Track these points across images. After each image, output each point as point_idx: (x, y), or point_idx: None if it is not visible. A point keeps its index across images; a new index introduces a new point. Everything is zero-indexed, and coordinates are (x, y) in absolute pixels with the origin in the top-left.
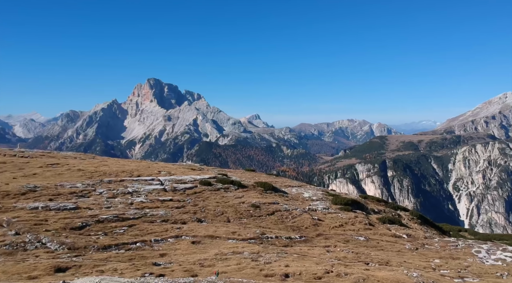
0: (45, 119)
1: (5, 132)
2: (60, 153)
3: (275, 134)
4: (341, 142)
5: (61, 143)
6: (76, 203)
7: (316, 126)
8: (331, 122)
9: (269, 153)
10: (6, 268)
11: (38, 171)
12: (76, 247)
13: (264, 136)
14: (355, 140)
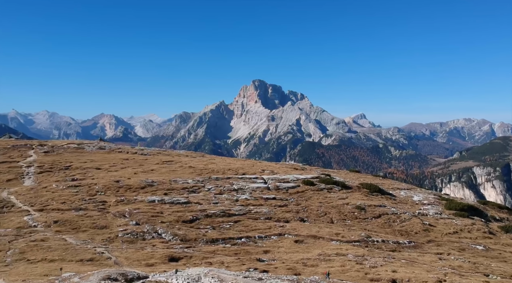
0: (161, 120)
1: (128, 132)
2: (173, 151)
3: (382, 134)
4: (456, 143)
5: (175, 142)
6: (188, 198)
7: (427, 126)
8: (444, 122)
9: (375, 153)
10: (128, 254)
11: (155, 167)
12: (187, 239)
13: (370, 136)
14: (472, 141)
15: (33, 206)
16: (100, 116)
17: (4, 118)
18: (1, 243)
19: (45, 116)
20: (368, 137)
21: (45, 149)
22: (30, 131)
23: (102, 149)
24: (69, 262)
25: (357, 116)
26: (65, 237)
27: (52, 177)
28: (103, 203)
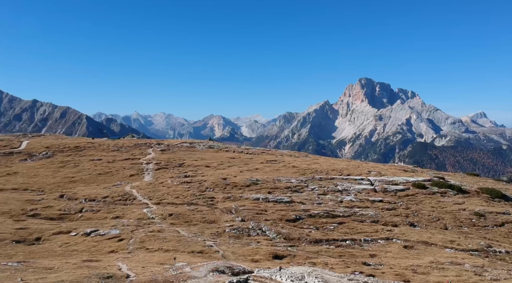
0: (265, 121)
1: (234, 132)
2: (277, 150)
3: (505, 134)
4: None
5: (279, 142)
6: (291, 197)
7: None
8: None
9: (498, 156)
10: (234, 249)
11: (259, 166)
12: (290, 238)
13: (491, 137)
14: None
15: (151, 199)
16: (209, 117)
17: (128, 119)
18: (125, 232)
19: (162, 118)
20: (489, 138)
21: (162, 147)
22: (149, 132)
23: (211, 148)
24: (181, 253)
25: (476, 115)
26: (178, 229)
27: (168, 173)
28: (211, 199)
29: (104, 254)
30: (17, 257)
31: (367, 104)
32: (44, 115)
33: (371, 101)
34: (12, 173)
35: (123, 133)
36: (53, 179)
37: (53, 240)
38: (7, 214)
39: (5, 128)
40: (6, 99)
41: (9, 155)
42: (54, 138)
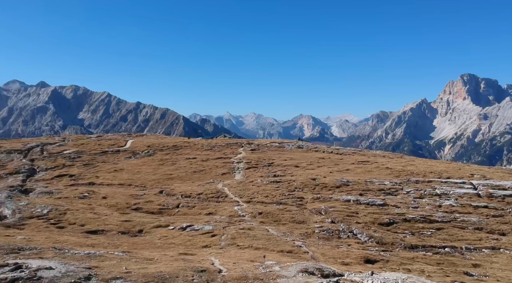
0: (357, 120)
1: (324, 132)
2: (369, 151)
3: None
4: None
5: (371, 142)
6: (384, 200)
7: None
8: None
9: None
10: (324, 251)
11: (350, 167)
12: (383, 242)
13: None
14: None
15: (241, 197)
16: (299, 117)
17: (221, 119)
18: (217, 228)
19: (252, 118)
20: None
21: (252, 147)
22: (240, 131)
23: (300, 148)
24: (271, 251)
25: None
26: (268, 228)
27: (257, 172)
28: (300, 199)
29: (198, 248)
30: (122, 247)
31: (470, 102)
32: (146, 117)
33: (475, 99)
34: (118, 170)
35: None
36: (154, 175)
37: (153, 233)
38: (114, 207)
39: (113, 128)
40: (114, 102)
41: (116, 153)
42: (155, 138)
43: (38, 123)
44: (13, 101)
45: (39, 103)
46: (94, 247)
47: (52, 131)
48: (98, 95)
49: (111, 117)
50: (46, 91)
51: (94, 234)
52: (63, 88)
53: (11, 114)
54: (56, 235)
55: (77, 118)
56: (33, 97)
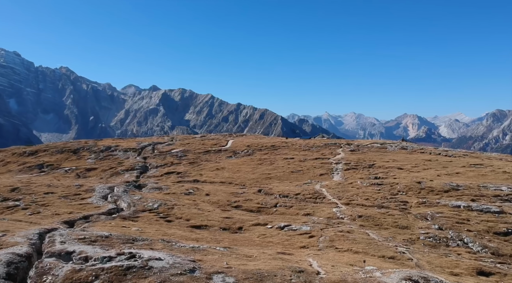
0: (469, 120)
1: (431, 132)
2: (483, 153)
3: None
4: None
5: (485, 144)
6: (501, 207)
7: None
8: None
9: None
10: (430, 259)
11: (460, 170)
12: (500, 254)
13: None
14: None
15: (340, 199)
16: (403, 116)
17: (319, 120)
18: (315, 229)
19: (352, 118)
20: None
21: (351, 147)
22: (339, 132)
23: (404, 149)
24: (371, 256)
25: None
26: (368, 231)
27: (357, 174)
28: (404, 203)
29: (296, 248)
30: (223, 243)
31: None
32: (246, 117)
33: None
34: (220, 168)
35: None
36: (253, 174)
37: (252, 230)
38: (216, 204)
39: (215, 128)
40: (217, 104)
41: (218, 152)
42: (254, 138)
43: (150, 124)
44: (129, 104)
45: (151, 105)
46: (198, 241)
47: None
48: (202, 97)
49: (213, 118)
50: (157, 94)
51: (198, 228)
52: (172, 91)
53: (127, 115)
54: (165, 228)
55: (184, 119)
56: (146, 100)
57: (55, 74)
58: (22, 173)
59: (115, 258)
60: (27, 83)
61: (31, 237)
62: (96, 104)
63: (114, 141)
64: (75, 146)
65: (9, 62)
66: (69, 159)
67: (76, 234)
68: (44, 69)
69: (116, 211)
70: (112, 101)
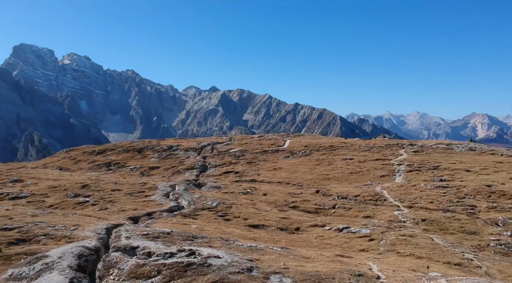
0: None
1: (503, 132)
2: None
3: None
4: None
5: None
6: None
7: None
8: None
9: None
10: (502, 267)
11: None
12: None
13: None
14: None
15: (402, 202)
16: (471, 116)
17: (380, 119)
18: (375, 232)
19: (416, 117)
20: None
21: (415, 148)
22: (401, 132)
23: (472, 150)
24: (435, 262)
25: None
26: (432, 236)
27: (420, 176)
28: (472, 207)
29: (355, 251)
30: (280, 243)
31: None
32: (304, 117)
33: None
34: (277, 168)
35: (375, 133)
36: (310, 175)
37: (310, 231)
38: (273, 204)
39: (273, 128)
40: (274, 104)
41: (275, 152)
42: (311, 138)
43: (209, 124)
44: (189, 105)
45: (211, 106)
46: (256, 241)
47: (221, 132)
48: (260, 97)
49: (271, 118)
50: (216, 95)
51: (256, 228)
52: (230, 92)
53: (188, 116)
54: (223, 227)
55: (242, 119)
56: (205, 101)
57: (121, 77)
58: (91, 170)
59: (176, 254)
60: (96, 85)
61: (99, 232)
62: (159, 105)
63: (175, 141)
64: (140, 145)
65: (80, 66)
66: (134, 157)
67: (140, 230)
68: (112, 72)
69: (177, 208)
70: (174, 102)
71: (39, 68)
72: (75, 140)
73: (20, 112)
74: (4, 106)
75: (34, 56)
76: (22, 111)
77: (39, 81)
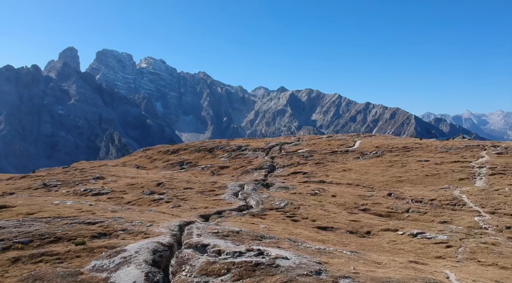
0: None
1: None
2: None
3: None
4: None
5: None
6: None
7: None
8: None
9: None
10: None
11: None
12: None
13: None
14: None
15: (483, 207)
16: None
17: (459, 119)
18: (453, 239)
19: (499, 116)
20: None
21: (498, 150)
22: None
23: None
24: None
25: None
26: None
27: (505, 179)
28: None
29: (430, 258)
30: (350, 246)
31: None
32: (375, 117)
33: None
34: (347, 169)
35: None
36: (382, 177)
37: (381, 236)
38: (342, 206)
39: (342, 128)
40: (344, 103)
41: (345, 153)
42: (383, 138)
43: (277, 124)
44: (258, 105)
45: (279, 106)
46: (324, 243)
47: (289, 132)
48: (329, 97)
49: (340, 118)
50: (285, 95)
51: (324, 230)
52: (299, 92)
53: (257, 116)
54: (291, 227)
55: (310, 119)
56: (274, 101)
57: (194, 79)
58: (165, 169)
59: (244, 253)
60: (171, 87)
61: (172, 229)
62: (229, 106)
63: (244, 141)
64: (210, 145)
65: (156, 69)
66: (205, 157)
67: (211, 228)
68: (185, 74)
69: (246, 208)
70: (243, 102)
71: (119, 72)
72: (151, 140)
73: (102, 113)
74: (88, 108)
75: (114, 60)
76: (104, 112)
77: (118, 84)
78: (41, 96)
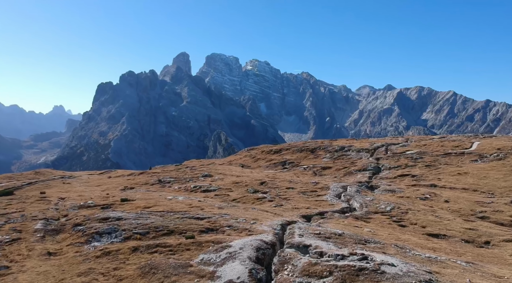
0: None
1: None
2: None
3: None
4: None
5: None
6: None
7: None
8: None
9: None
10: None
11: None
12: None
13: None
14: None
15: None
16: None
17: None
18: None
19: None
20: None
21: None
22: None
23: None
24: None
25: None
26: None
27: None
28: None
29: None
30: (465, 256)
31: None
32: (497, 116)
33: None
34: (462, 173)
35: None
36: (504, 182)
37: (503, 247)
38: (457, 213)
39: (457, 129)
40: (460, 101)
41: (460, 155)
42: (507, 139)
43: (383, 124)
44: (363, 105)
45: (385, 105)
46: (435, 251)
47: (396, 132)
48: (442, 95)
49: (455, 117)
50: (392, 94)
51: (435, 237)
52: (408, 90)
53: (361, 116)
54: (398, 233)
55: (420, 119)
56: (380, 100)
57: (297, 79)
58: (268, 168)
59: (347, 257)
60: (274, 88)
61: (275, 227)
62: (331, 105)
63: (347, 141)
64: (312, 145)
65: (261, 71)
66: (307, 157)
67: (312, 229)
68: (288, 75)
69: (349, 210)
70: (347, 102)
71: (226, 75)
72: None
73: (210, 114)
74: (198, 110)
75: (222, 64)
76: (212, 113)
77: (225, 86)
78: (157, 98)
